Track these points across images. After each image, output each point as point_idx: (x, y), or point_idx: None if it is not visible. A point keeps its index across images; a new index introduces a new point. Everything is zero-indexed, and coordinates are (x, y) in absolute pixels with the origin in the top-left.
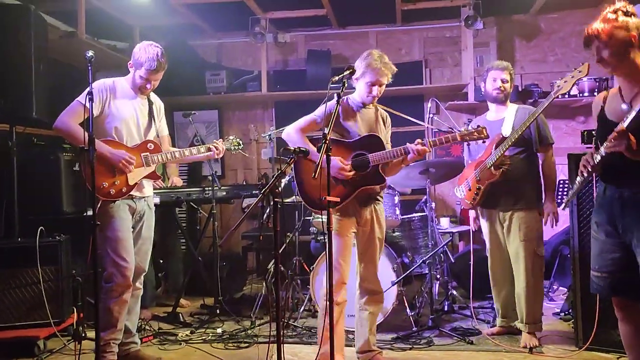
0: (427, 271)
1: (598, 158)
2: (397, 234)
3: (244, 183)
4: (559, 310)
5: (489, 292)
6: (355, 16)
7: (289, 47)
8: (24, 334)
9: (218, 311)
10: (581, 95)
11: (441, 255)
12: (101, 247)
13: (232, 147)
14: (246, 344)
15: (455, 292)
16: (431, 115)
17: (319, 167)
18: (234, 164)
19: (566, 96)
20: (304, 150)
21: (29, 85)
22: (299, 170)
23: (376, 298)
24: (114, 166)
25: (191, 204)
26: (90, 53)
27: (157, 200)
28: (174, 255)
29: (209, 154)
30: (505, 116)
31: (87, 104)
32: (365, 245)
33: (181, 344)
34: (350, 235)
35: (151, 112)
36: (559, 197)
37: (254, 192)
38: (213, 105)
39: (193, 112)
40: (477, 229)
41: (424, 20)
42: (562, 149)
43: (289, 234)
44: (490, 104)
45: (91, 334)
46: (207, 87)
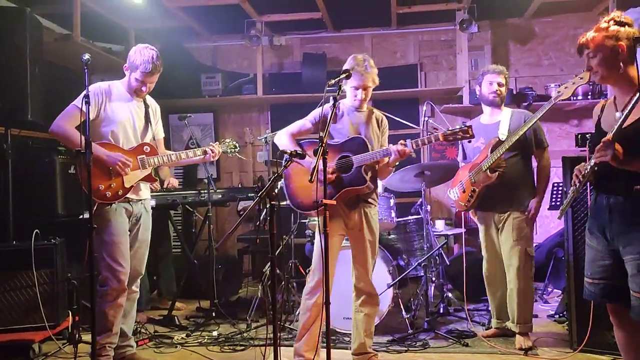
0: (422, 274)
1: (588, 168)
2: (392, 236)
3: (239, 186)
4: (553, 313)
5: (484, 294)
6: (351, 19)
7: (285, 50)
8: (19, 337)
9: (214, 314)
10: (575, 98)
11: (436, 257)
12: (97, 250)
13: (229, 150)
14: (242, 347)
15: (450, 295)
16: (426, 118)
17: (315, 170)
18: (229, 167)
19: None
20: (300, 152)
21: (24, 87)
22: (286, 173)
23: (370, 300)
24: (110, 169)
25: (187, 206)
26: (87, 56)
27: (153, 203)
28: (166, 259)
29: (205, 156)
30: (501, 119)
31: (84, 107)
32: (356, 248)
33: (177, 347)
34: (337, 237)
35: (147, 115)
36: (553, 200)
37: (249, 194)
38: (208, 108)
39: (189, 115)
40: (471, 230)
41: (419, 24)
42: (556, 152)
43: (284, 236)
44: (485, 107)
45: (86, 337)
46: (202, 89)
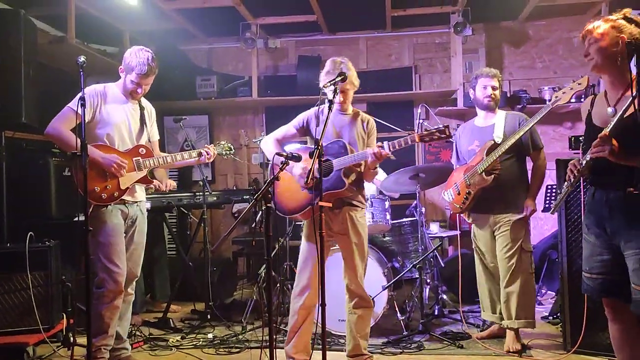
0: (417, 276)
1: (584, 163)
2: (387, 238)
3: (234, 188)
4: (547, 314)
5: (478, 296)
6: (346, 22)
7: (280, 53)
8: (13, 340)
9: (209, 316)
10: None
11: (431, 259)
12: (93, 252)
13: (224, 152)
14: (237, 349)
15: (445, 297)
16: (421, 121)
17: (311, 173)
18: (224, 169)
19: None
20: (296, 155)
21: (18, 89)
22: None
23: (362, 302)
24: (105, 170)
25: (181, 209)
26: (82, 58)
27: (148, 205)
28: (161, 261)
29: (200, 158)
30: (495, 122)
31: (79, 109)
32: (344, 251)
33: (172, 350)
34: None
35: (143, 117)
36: (547, 202)
37: (244, 197)
38: (203, 110)
39: (184, 117)
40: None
41: (413, 27)
42: (550, 154)
43: (280, 239)
44: (479, 111)
45: (81, 339)
46: (197, 92)
